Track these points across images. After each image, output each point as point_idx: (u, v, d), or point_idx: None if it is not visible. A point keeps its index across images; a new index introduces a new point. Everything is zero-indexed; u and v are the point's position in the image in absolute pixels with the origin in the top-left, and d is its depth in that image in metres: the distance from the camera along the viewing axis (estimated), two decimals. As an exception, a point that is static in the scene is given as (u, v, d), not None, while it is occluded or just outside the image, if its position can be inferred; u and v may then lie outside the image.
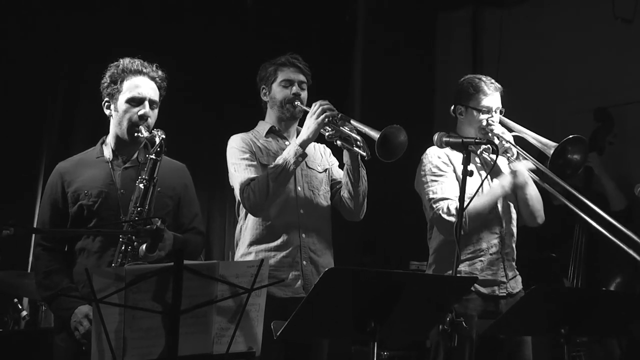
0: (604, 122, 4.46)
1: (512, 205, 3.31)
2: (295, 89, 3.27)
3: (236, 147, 3.22)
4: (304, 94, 3.30)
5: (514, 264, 3.29)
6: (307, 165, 3.29)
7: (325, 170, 3.36)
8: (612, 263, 4.03)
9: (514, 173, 3.21)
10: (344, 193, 3.24)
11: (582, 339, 3.81)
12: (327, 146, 3.44)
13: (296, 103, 3.26)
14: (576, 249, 4.21)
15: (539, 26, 5.21)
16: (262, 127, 3.35)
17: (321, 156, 3.41)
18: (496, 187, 3.21)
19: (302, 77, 3.30)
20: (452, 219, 3.05)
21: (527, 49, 5.24)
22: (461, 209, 2.77)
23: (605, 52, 4.76)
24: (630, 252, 2.90)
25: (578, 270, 4.20)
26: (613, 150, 4.46)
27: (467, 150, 2.86)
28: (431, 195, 3.17)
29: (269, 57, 3.38)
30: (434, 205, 3.14)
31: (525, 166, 3.20)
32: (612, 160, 4.44)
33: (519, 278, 3.30)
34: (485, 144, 3.12)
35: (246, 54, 5.02)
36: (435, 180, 3.19)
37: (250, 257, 3.15)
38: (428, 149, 3.27)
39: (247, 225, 3.23)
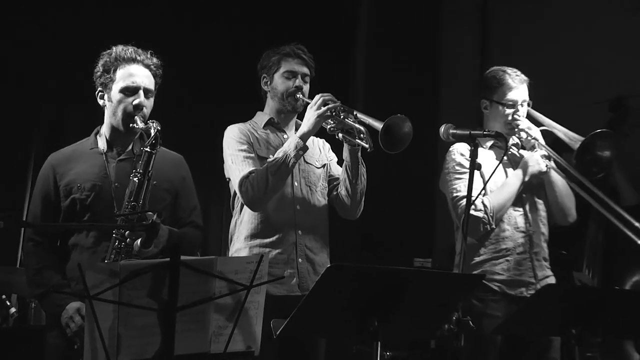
0: (618, 113, 4.36)
1: (540, 202, 3.22)
2: (298, 81, 3.17)
3: (233, 138, 3.13)
4: (306, 87, 3.21)
5: (545, 263, 3.19)
6: (304, 161, 3.19)
7: (323, 166, 3.27)
8: (630, 261, 3.94)
9: (525, 162, 3.14)
10: (341, 190, 3.16)
11: (597, 340, 3.73)
12: (327, 141, 3.35)
13: (298, 96, 3.17)
14: (592, 246, 4.12)
15: (547, 16, 5.14)
16: (261, 118, 3.26)
17: (320, 151, 3.31)
18: (511, 177, 3.15)
19: (305, 70, 3.21)
20: (480, 214, 3.02)
21: (536, 40, 5.16)
22: (468, 206, 2.69)
23: (615, 43, 4.68)
24: None
25: (593, 267, 4.11)
26: (628, 142, 4.37)
27: (474, 143, 2.78)
28: (454, 194, 3.11)
29: (269, 47, 3.28)
30: (459, 203, 3.07)
31: (538, 155, 3.12)
32: (626, 154, 4.34)
33: (552, 279, 3.19)
34: (494, 137, 3.04)
35: (245, 44, 4.95)
36: (459, 178, 3.12)
37: (245, 252, 3.06)
38: (452, 146, 3.20)
39: (243, 220, 3.14)
